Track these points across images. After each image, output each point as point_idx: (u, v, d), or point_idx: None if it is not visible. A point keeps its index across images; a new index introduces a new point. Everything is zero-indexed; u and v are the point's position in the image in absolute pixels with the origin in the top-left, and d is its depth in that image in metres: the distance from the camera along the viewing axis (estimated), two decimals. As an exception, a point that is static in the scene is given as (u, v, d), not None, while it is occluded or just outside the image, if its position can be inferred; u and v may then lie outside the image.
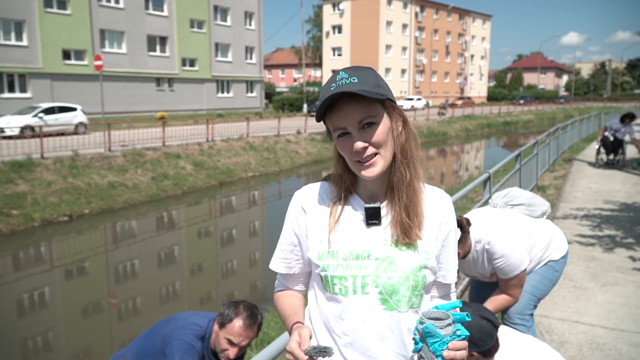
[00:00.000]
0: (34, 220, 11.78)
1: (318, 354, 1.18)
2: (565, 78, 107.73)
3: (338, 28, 62.95)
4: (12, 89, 28.95)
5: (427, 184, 1.40)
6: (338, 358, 1.35)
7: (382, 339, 1.31)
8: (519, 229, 2.96)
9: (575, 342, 3.83)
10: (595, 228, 6.95)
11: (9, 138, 17.57)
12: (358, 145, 1.25)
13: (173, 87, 38.25)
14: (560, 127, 13.69)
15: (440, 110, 41.53)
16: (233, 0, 42.23)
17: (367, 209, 1.33)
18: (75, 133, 20.58)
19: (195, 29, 39.50)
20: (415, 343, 1.15)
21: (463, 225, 2.81)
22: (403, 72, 63.17)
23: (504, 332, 2.38)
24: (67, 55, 31.48)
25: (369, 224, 1.33)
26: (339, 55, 62.97)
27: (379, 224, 1.33)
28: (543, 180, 10.55)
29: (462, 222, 2.80)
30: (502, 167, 6.50)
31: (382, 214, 1.34)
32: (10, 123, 18.87)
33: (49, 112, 20.49)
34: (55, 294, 8.99)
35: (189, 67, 39.41)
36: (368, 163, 1.27)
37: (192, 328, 2.51)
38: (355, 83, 1.23)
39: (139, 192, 14.56)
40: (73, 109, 21.56)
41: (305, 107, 39.32)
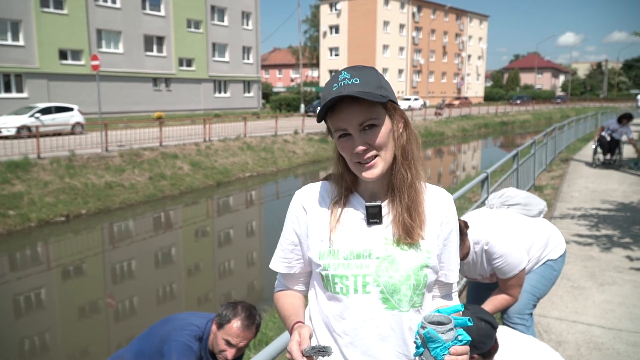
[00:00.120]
0: (31, 221, 11.74)
1: (317, 354, 1.17)
2: (562, 78, 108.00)
3: (335, 28, 62.95)
4: (8, 89, 28.86)
5: (428, 183, 1.39)
6: (339, 357, 1.35)
7: (383, 339, 1.31)
8: (517, 229, 2.96)
9: (574, 341, 3.84)
10: (593, 228, 6.96)
11: (6, 138, 17.52)
12: (359, 148, 1.24)
13: (170, 87, 38.20)
14: (557, 127, 13.72)
15: (437, 111, 41.55)
16: (230, 0, 42.19)
17: (368, 208, 1.33)
18: (72, 133, 20.51)
19: (192, 29, 39.45)
20: (417, 347, 1.14)
21: (460, 228, 2.81)
22: (400, 72, 63.22)
23: (503, 332, 2.38)
24: (63, 55, 31.41)
25: (370, 223, 1.33)
26: (336, 56, 62.98)
27: (380, 223, 1.33)
28: (540, 180, 10.57)
29: (459, 225, 2.80)
30: (499, 167, 6.51)
31: (383, 213, 1.33)
32: (7, 123, 18.80)
33: (46, 112, 20.41)
34: (52, 295, 8.96)
35: (186, 67, 39.36)
36: (368, 165, 1.26)
37: (189, 329, 2.51)
38: (358, 84, 1.22)
39: (136, 192, 14.53)
40: (70, 109, 21.50)
41: (303, 107, 39.32)
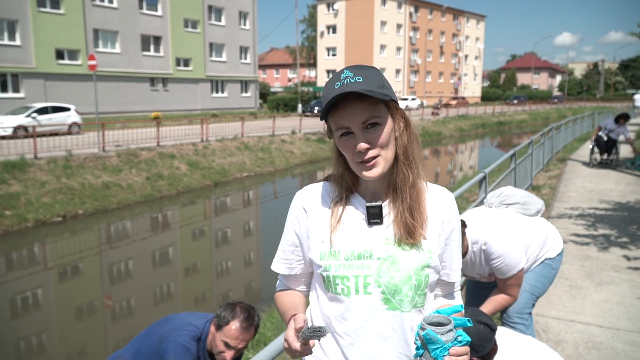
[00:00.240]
0: (28, 221, 11.71)
1: (312, 335, 1.16)
2: (559, 78, 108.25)
3: (332, 28, 62.96)
4: (5, 89, 28.77)
5: (429, 182, 1.39)
6: (340, 358, 1.35)
7: (384, 339, 1.31)
8: (515, 228, 2.96)
9: (572, 341, 3.84)
10: (590, 227, 6.98)
11: (2, 138, 17.42)
12: (361, 146, 1.23)
13: (167, 87, 38.15)
14: (555, 127, 13.74)
15: (434, 111, 41.58)
16: (227, 0, 42.15)
17: (368, 208, 1.32)
18: (69, 133, 20.46)
19: (190, 29, 39.41)
20: (417, 349, 1.14)
21: None
22: (397, 72, 63.27)
23: (503, 332, 2.38)
24: (60, 55, 31.33)
25: (371, 223, 1.32)
26: (334, 56, 63.00)
27: (381, 223, 1.32)
28: (538, 180, 10.58)
29: None
30: (497, 166, 6.52)
31: (383, 213, 1.33)
32: (3, 123, 18.73)
33: (42, 112, 20.37)
34: (50, 295, 8.94)
35: (183, 67, 39.31)
36: (370, 164, 1.25)
37: (188, 329, 2.50)
38: (360, 82, 1.21)
39: (134, 192, 14.50)
40: (67, 109, 21.45)
41: (300, 107, 39.29)
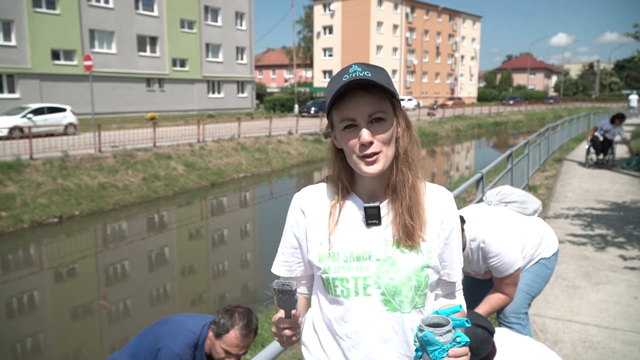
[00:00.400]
0: (23, 222, 11.65)
1: (280, 288, 1.17)
2: (554, 79, 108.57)
3: (329, 28, 62.97)
4: (0, 90, 28.64)
5: (427, 182, 1.38)
6: None
7: (385, 341, 1.30)
8: (513, 228, 2.96)
9: (569, 341, 3.85)
10: (587, 227, 6.99)
11: (-3, 139, 17.40)
12: (365, 139, 1.23)
13: (163, 87, 38.07)
14: (551, 127, 13.78)
15: (430, 111, 41.62)
16: (224, 1, 42.10)
17: (366, 209, 1.31)
18: (65, 134, 20.37)
19: (186, 29, 39.34)
20: (416, 350, 1.14)
21: None
22: (394, 72, 63.32)
23: (500, 333, 2.38)
24: (56, 56, 31.22)
25: (369, 224, 1.31)
26: (330, 56, 63.00)
27: (379, 224, 1.31)
28: (534, 180, 10.61)
29: None
30: (493, 167, 6.52)
31: (382, 214, 1.32)
32: (-1, 124, 18.68)
33: (38, 112, 20.28)
34: (45, 297, 8.90)
35: (180, 67, 39.23)
36: (371, 159, 1.25)
37: (184, 335, 2.49)
38: (369, 77, 1.22)
39: (130, 193, 14.46)
40: (62, 110, 21.36)
41: (297, 107, 39.29)
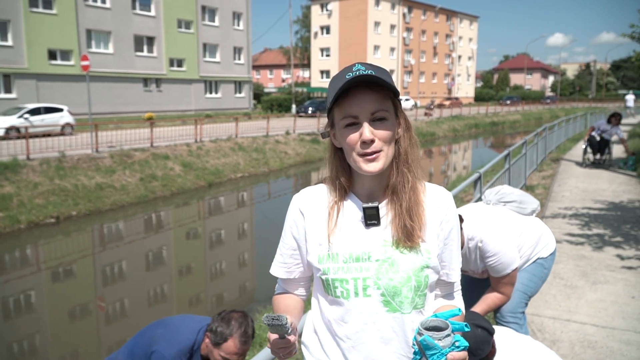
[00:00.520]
0: (20, 223, 11.62)
1: (271, 322, 1.18)
2: (551, 79, 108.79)
3: (326, 29, 62.96)
4: (-4, 90, 28.61)
5: (426, 182, 1.38)
6: None
7: (385, 342, 1.30)
8: (511, 228, 2.97)
9: (567, 340, 3.85)
10: (584, 227, 7.01)
11: (-6, 139, 17.34)
12: (367, 136, 1.23)
13: (161, 87, 38.02)
14: (548, 127, 13.80)
15: (427, 111, 41.65)
16: (221, 1, 42.06)
17: (365, 209, 1.31)
18: (62, 134, 20.30)
19: (183, 29, 39.29)
20: (415, 353, 1.13)
21: None
22: (391, 72, 63.36)
23: (500, 332, 2.38)
24: (53, 56, 31.15)
25: (368, 225, 1.31)
26: (327, 56, 63.00)
27: (378, 225, 1.31)
28: (531, 180, 10.62)
29: None
30: (491, 167, 6.53)
31: (381, 214, 1.32)
32: (-5, 124, 18.61)
33: (35, 112, 20.23)
34: (42, 297, 8.87)
35: (177, 67, 39.18)
36: (372, 157, 1.24)
37: (179, 341, 2.47)
38: (373, 76, 1.22)
39: (127, 193, 14.43)
40: (59, 110, 21.32)
41: (294, 107, 39.28)
